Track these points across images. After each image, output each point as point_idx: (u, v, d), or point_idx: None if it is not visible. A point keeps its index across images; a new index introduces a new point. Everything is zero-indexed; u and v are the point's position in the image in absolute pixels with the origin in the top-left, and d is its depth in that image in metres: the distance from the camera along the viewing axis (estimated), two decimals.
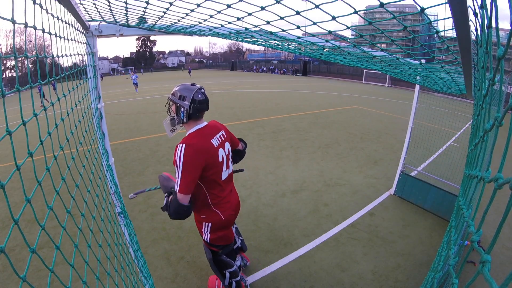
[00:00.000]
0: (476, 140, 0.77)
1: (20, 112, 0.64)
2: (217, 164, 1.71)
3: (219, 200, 1.81)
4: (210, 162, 1.65)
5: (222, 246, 2.00)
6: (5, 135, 0.56)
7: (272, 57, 47.74)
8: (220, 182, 1.78)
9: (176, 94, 1.69)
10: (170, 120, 1.77)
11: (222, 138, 1.81)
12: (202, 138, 1.66)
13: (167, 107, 1.79)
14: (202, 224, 1.88)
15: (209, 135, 1.72)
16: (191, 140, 1.62)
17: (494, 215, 3.48)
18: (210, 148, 1.67)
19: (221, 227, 1.89)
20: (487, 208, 0.42)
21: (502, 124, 0.45)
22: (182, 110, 1.66)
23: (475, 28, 0.90)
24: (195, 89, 1.67)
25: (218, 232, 1.90)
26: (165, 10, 1.22)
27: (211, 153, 1.66)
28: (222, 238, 1.94)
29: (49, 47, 1.78)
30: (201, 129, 1.71)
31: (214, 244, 1.94)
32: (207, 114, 1.83)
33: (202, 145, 1.63)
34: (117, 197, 1.81)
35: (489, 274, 0.34)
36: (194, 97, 1.64)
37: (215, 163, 1.69)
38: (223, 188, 1.82)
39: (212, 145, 1.69)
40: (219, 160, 1.72)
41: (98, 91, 1.78)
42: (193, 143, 1.60)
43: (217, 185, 1.77)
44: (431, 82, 3.08)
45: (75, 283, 2.10)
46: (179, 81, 25.30)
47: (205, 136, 1.69)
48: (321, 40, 1.52)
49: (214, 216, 1.82)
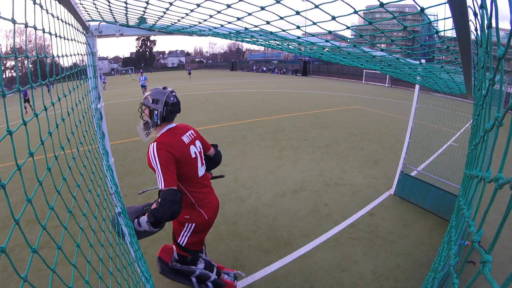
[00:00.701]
0: (477, 140, 0.78)
1: (20, 112, 0.64)
2: (191, 160, 1.76)
3: (202, 199, 1.84)
4: (183, 158, 1.69)
5: (194, 252, 1.97)
6: (6, 135, 0.56)
7: (272, 57, 47.73)
8: (198, 179, 1.82)
9: (149, 98, 1.74)
10: (144, 125, 1.80)
11: (192, 136, 1.87)
12: (173, 136, 1.73)
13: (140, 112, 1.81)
14: (183, 226, 1.87)
15: (179, 134, 1.78)
16: (162, 139, 1.69)
17: (494, 215, 3.48)
18: (182, 144, 1.72)
19: (204, 228, 1.91)
20: (488, 208, 0.42)
21: (502, 124, 0.45)
22: (156, 113, 1.71)
23: (475, 28, 0.90)
24: (167, 92, 1.74)
25: (199, 234, 1.91)
26: (165, 10, 1.22)
27: (183, 149, 1.71)
28: (199, 242, 1.95)
29: (49, 47, 1.78)
30: (171, 129, 1.78)
31: (187, 248, 1.92)
32: (206, 113, 1.84)
33: (173, 141, 1.69)
34: (117, 197, 1.81)
35: (490, 274, 0.34)
36: (166, 100, 1.71)
37: (189, 159, 1.74)
38: (202, 185, 1.86)
39: (183, 141, 1.75)
40: (191, 156, 1.77)
41: (98, 91, 1.78)
42: (165, 141, 1.66)
43: (196, 183, 1.81)
44: (431, 82, 3.08)
45: (75, 283, 2.10)
46: (179, 81, 25.30)
47: (176, 134, 1.75)
48: (321, 40, 1.52)
49: (198, 216, 1.83)
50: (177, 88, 19.02)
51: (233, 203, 3.80)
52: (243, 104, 11.87)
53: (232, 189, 4.24)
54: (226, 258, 2.78)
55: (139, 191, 4.10)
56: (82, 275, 0.75)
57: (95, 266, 0.94)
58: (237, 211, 3.62)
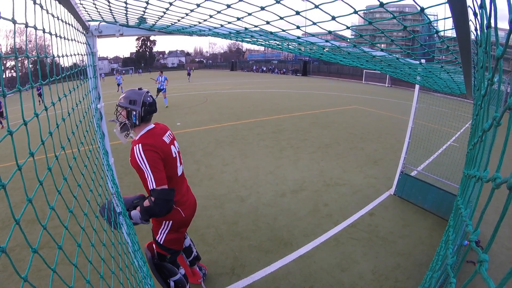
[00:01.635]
0: (475, 140, 0.78)
1: (21, 112, 0.64)
2: (172, 159, 1.79)
3: (179, 198, 1.87)
4: (166, 158, 1.72)
5: (174, 251, 2.00)
6: (6, 135, 0.57)
7: (272, 57, 47.71)
8: (177, 178, 1.85)
9: (125, 99, 1.74)
10: (121, 127, 1.77)
11: (171, 137, 1.90)
12: (155, 137, 1.74)
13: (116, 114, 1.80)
14: (161, 224, 1.90)
15: (159, 134, 1.79)
16: (145, 140, 1.68)
17: (494, 215, 3.48)
18: (164, 145, 1.74)
19: (181, 226, 1.94)
20: (485, 208, 0.42)
21: (500, 124, 0.46)
22: (134, 114, 1.71)
23: (475, 28, 0.91)
24: (143, 92, 1.76)
25: (177, 232, 1.94)
26: (165, 10, 1.23)
27: (166, 149, 1.73)
28: (177, 241, 1.97)
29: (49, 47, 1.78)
30: (151, 129, 1.78)
31: (166, 246, 1.94)
32: (206, 113, 1.85)
33: (157, 142, 1.70)
34: (117, 197, 1.82)
35: (487, 274, 0.34)
36: (144, 100, 1.73)
37: (170, 159, 1.77)
38: (180, 184, 1.90)
39: (165, 141, 1.77)
40: (173, 155, 1.80)
41: (98, 91, 1.79)
42: (148, 142, 1.66)
43: (176, 182, 1.84)
44: (431, 82, 3.08)
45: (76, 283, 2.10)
46: (180, 80, 25.27)
47: (157, 135, 1.76)
48: (321, 40, 1.52)
49: (175, 213, 1.86)
50: (177, 88, 19.02)
51: (233, 203, 3.81)
52: (243, 104, 11.87)
53: (232, 189, 4.24)
54: (226, 258, 2.78)
55: (138, 190, 4.09)
56: (83, 275, 0.76)
57: (96, 266, 0.95)
58: (237, 211, 3.62)
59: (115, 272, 1.14)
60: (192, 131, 7.49)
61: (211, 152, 5.86)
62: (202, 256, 2.78)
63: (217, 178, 4.62)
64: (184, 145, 6.21)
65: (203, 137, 6.94)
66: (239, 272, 2.60)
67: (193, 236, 3.08)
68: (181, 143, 6.30)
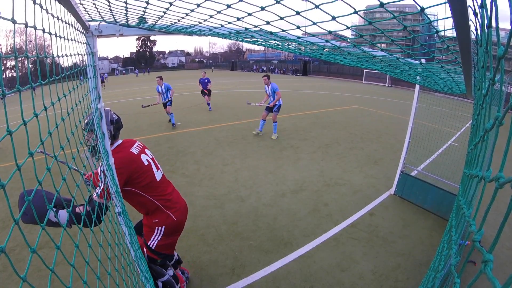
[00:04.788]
0: (477, 140, 0.78)
1: (20, 112, 0.64)
2: (145, 167, 1.86)
3: (167, 200, 1.92)
4: (137, 168, 1.81)
5: (164, 255, 2.01)
6: (6, 135, 0.56)
7: (272, 57, 47.72)
8: (157, 184, 1.91)
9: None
10: (92, 149, 1.67)
11: (140, 147, 1.99)
12: (123, 150, 1.84)
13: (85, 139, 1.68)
14: (154, 230, 1.93)
15: (127, 147, 1.88)
16: (115, 154, 1.73)
17: (494, 214, 3.48)
18: (132, 156, 1.83)
19: (174, 230, 1.97)
20: (488, 208, 0.42)
21: (502, 124, 0.45)
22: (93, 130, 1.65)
23: (475, 27, 0.90)
24: (108, 111, 1.79)
25: (170, 237, 1.97)
26: (165, 10, 1.22)
27: (135, 160, 1.82)
28: (169, 246, 2.01)
29: (49, 47, 1.78)
30: (120, 144, 1.89)
31: (158, 251, 1.95)
32: (206, 113, 1.84)
33: (125, 155, 1.79)
34: (117, 197, 1.81)
35: (492, 274, 0.34)
36: (111, 118, 1.81)
37: (142, 167, 1.85)
38: (163, 188, 1.95)
39: (133, 153, 1.86)
40: (144, 164, 1.88)
41: (98, 91, 1.78)
42: (117, 156, 1.72)
43: (156, 187, 1.90)
44: (431, 82, 3.08)
45: (75, 283, 2.10)
46: (178, 81, 25.23)
47: (125, 148, 1.87)
48: (321, 40, 1.52)
49: (166, 218, 1.91)
50: (177, 88, 19.02)
51: (233, 203, 3.80)
52: (243, 104, 11.86)
53: (232, 189, 4.24)
54: (226, 258, 2.78)
55: None
56: (80, 275, 0.75)
57: (94, 266, 0.95)
58: (237, 211, 3.62)
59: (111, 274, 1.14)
60: (192, 131, 7.48)
61: (211, 152, 5.86)
62: (202, 256, 2.78)
63: (217, 178, 4.62)
64: (184, 145, 6.21)
65: (203, 137, 6.94)
66: (239, 272, 2.60)
67: (193, 236, 3.08)
68: (181, 143, 6.30)
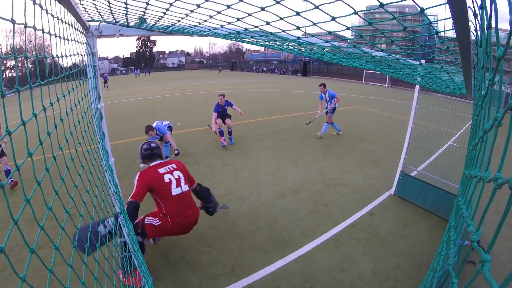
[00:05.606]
0: (476, 140, 0.78)
1: (19, 112, 0.64)
2: (163, 183, 2.43)
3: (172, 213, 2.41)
4: (156, 183, 2.41)
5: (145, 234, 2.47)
6: (5, 135, 0.57)
7: (272, 58, 47.70)
8: (170, 197, 2.43)
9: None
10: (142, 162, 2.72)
11: (171, 168, 2.56)
12: (152, 168, 2.53)
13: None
14: (154, 216, 2.47)
15: (157, 167, 2.53)
16: (143, 171, 2.49)
17: (493, 215, 3.47)
18: (155, 174, 2.46)
19: (163, 231, 2.46)
20: (487, 208, 0.42)
21: (501, 124, 0.45)
22: (139, 156, 2.69)
23: (475, 28, 0.90)
24: (144, 142, 2.73)
25: (158, 232, 2.46)
26: (165, 10, 1.22)
27: (155, 177, 2.43)
28: (153, 233, 2.48)
29: (49, 47, 1.78)
30: (155, 165, 2.57)
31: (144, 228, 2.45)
32: (206, 113, 1.83)
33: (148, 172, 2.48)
34: (117, 197, 1.81)
35: (489, 274, 0.34)
36: (141, 147, 2.69)
37: (161, 183, 2.42)
38: (174, 201, 2.44)
39: (158, 172, 2.48)
40: (164, 181, 2.44)
41: (98, 91, 1.78)
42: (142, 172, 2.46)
43: (169, 199, 2.43)
44: (431, 83, 3.08)
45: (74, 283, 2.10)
46: (178, 81, 25.17)
47: (153, 167, 2.54)
48: (321, 41, 1.52)
49: (164, 219, 2.42)
50: (177, 88, 19.04)
51: (233, 203, 3.80)
52: (243, 104, 11.85)
53: (232, 189, 4.24)
54: (226, 258, 2.78)
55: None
56: (78, 276, 0.75)
57: (91, 267, 0.94)
58: (237, 211, 3.62)
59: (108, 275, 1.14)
60: (192, 131, 7.48)
61: (211, 152, 5.86)
62: (202, 256, 2.79)
63: (217, 179, 4.62)
64: (184, 145, 6.21)
65: (203, 137, 6.94)
66: (239, 272, 2.60)
67: (193, 236, 3.08)
68: (181, 143, 6.30)
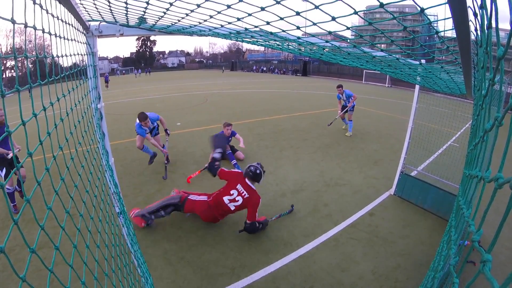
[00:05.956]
0: (476, 140, 0.78)
1: (19, 112, 0.64)
2: (229, 191, 3.10)
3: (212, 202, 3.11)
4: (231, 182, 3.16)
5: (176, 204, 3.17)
6: (5, 135, 0.56)
7: (272, 57, 47.68)
8: (221, 197, 3.10)
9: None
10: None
11: (241, 192, 3.08)
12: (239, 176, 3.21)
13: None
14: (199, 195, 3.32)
15: (242, 182, 3.14)
16: (240, 172, 3.31)
17: (494, 215, 3.47)
18: (235, 181, 3.15)
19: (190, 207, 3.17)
20: (488, 208, 0.42)
21: (502, 124, 0.45)
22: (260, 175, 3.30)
23: (475, 28, 0.90)
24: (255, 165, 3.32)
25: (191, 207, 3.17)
26: (165, 10, 1.22)
27: (233, 181, 3.15)
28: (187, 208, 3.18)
29: (49, 47, 1.78)
30: (243, 179, 3.20)
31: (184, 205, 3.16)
32: (206, 113, 1.83)
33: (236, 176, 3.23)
34: (117, 197, 1.82)
35: (490, 274, 0.34)
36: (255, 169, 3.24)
37: (229, 188, 3.11)
38: (217, 198, 3.11)
39: (237, 182, 3.12)
40: (230, 192, 3.09)
41: (98, 91, 1.78)
42: (238, 172, 3.27)
43: (220, 196, 3.11)
44: (431, 83, 3.08)
45: (74, 283, 2.10)
46: (178, 81, 25.19)
47: (242, 179, 3.17)
48: (321, 41, 1.52)
49: (202, 202, 3.18)
50: (177, 88, 19.04)
51: None
52: (243, 104, 11.87)
53: None
54: (226, 258, 2.78)
55: (138, 190, 4.09)
56: (78, 276, 0.75)
57: (92, 267, 0.94)
58: None
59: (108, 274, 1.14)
60: (192, 131, 7.48)
61: (211, 152, 5.86)
62: (202, 256, 2.79)
63: (217, 178, 4.61)
64: (184, 145, 6.21)
65: (203, 137, 6.94)
66: (239, 272, 2.60)
67: (193, 236, 3.08)
68: (181, 143, 6.30)
